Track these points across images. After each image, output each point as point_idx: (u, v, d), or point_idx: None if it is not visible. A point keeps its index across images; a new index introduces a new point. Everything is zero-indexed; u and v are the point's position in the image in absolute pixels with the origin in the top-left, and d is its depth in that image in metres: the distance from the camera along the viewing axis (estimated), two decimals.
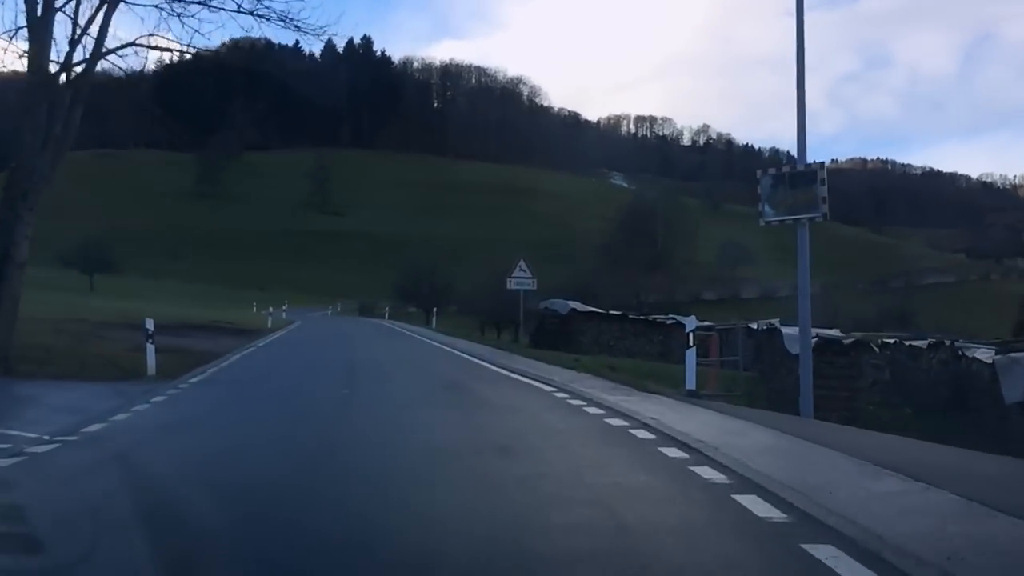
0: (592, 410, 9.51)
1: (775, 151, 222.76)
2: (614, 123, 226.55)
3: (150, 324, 14.88)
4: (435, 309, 48.54)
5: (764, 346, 17.79)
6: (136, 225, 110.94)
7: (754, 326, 19.58)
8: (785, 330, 15.63)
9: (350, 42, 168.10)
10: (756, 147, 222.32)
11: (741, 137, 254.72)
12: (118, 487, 5.41)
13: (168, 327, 29.91)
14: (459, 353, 20.24)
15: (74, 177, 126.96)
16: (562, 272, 53.94)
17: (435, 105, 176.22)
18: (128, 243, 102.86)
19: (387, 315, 60.47)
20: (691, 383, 11.65)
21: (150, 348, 14.61)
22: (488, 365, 16.44)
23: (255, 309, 61.62)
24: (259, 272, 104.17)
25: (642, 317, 29.46)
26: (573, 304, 27.52)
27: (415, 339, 29.05)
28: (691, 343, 11.74)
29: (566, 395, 11.01)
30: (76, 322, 27.06)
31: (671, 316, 32.06)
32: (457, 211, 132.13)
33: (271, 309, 39.04)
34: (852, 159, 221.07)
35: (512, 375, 14.22)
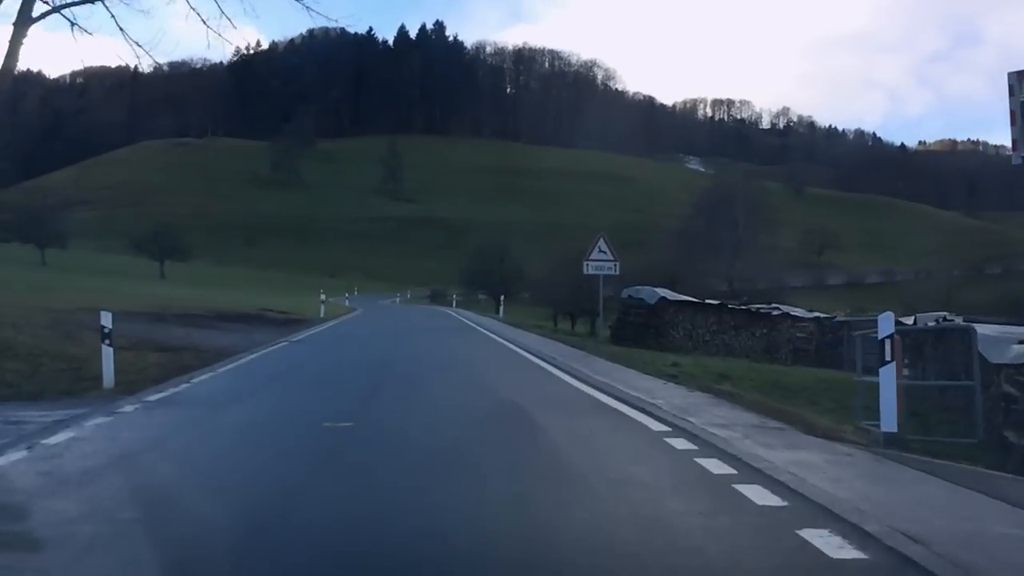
0: (752, 491, 5.02)
1: (860, 132, 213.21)
2: (690, 107, 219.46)
3: (107, 320, 11.00)
4: (503, 297, 44.26)
5: (933, 351, 12.97)
6: (211, 212, 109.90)
7: (909, 321, 14.82)
8: (982, 329, 10.80)
9: (423, 28, 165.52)
10: (840, 129, 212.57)
11: (823, 119, 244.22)
12: None
13: (200, 317, 26.51)
14: (526, 354, 15.95)
15: (151, 165, 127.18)
16: (641, 258, 49.15)
17: (508, 90, 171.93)
18: (203, 230, 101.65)
19: (454, 303, 56.59)
20: (890, 422, 7.08)
21: (107, 352, 10.77)
22: (562, 375, 12.07)
23: (322, 296, 58.78)
24: (331, 259, 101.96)
25: (743, 307, 24.66)
26: (662, 292, 22.91)
27: (477, 332, 24.86)
28: (889, 356, 7.13)
29: (688, 443, 6.58)
30: (92, 312, 23.79)
31: (774, 305, 27.20)
32: (530, 197, 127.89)
33: (323, 297, 35.32)
34: (941, 140, 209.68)
35: (596, 394, 9.85)
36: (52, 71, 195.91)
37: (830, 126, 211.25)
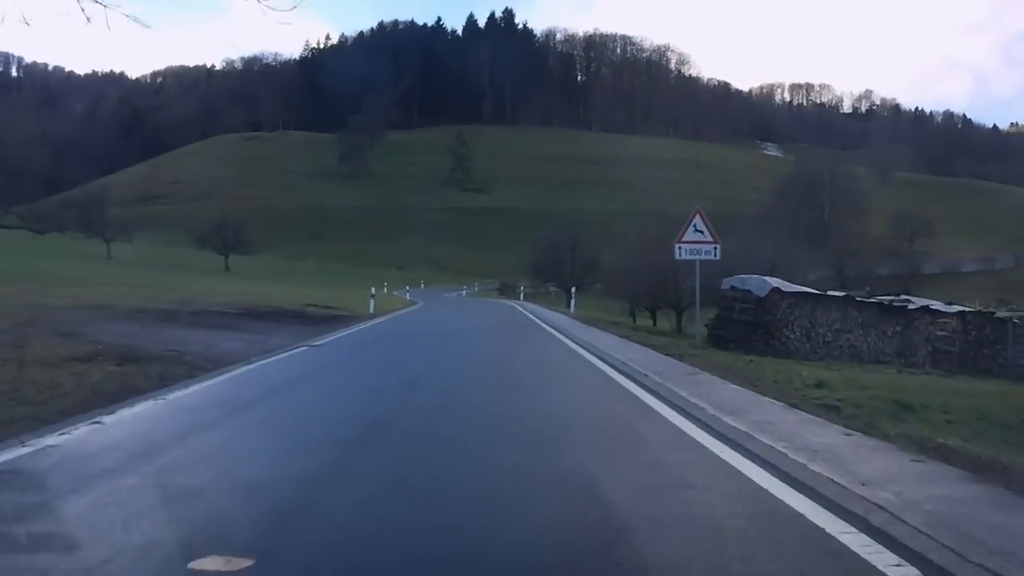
0: None
1: (949, 114, 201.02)
2: (767, 92, 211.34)
3: None
4: (574, 289, 39.67)
5: None
6: (279, 206, 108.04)
7: None
8: None
9: (491, 16, 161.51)
10: (927, 111, 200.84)
11: (907, 102, 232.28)
12: None
13: (223, 314, 22.86)
14: (603, 366, 11.56)
15: (221, 160, 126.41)
16: (727, 246, 44.02)
17: (579, 78, 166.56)
18: (271, 223, 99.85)
19: (522, 295, 52.34)
20: None
21: None
22: (666, 411, 7.60)
23: (372, 290, 55.53)
24: (400, 251, 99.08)
25: (872, 300, 19.71)
26: (774, 282, 18.14)
27: (543, 331, 20.44)
28: None
29: None
30: (101, 309, 20.30)
31: (904, 297, 22.16)
32: (602, 186, 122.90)
33: (373, 291, 31.46)
34: None
35: (735, 459, 5.43)
36: (134, 71, 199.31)
37: (917, 108, 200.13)
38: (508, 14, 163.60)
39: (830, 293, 18.80)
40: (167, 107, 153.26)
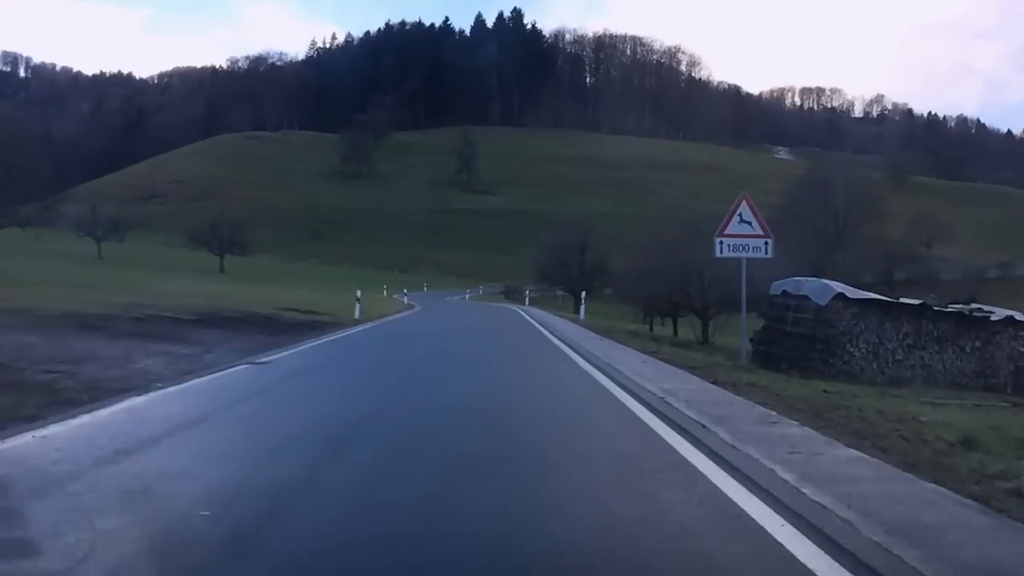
0: None
1: (963, 119, 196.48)
2: (777, 96, 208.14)
3: None
4: (584, 293, 35.97)
5: None
6: (281, 205, 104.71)
7: None
8: None
9: (500, 16, 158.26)
10: (941, 116, 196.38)
11: (919, 107, 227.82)
12: None
13: (169, 320, 19.46)
14: (639, 408, 7.99)
15: (223, 159, 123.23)
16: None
17: (588, 80, 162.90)
18: (271, 224, 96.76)
19: (527, 299, 48.88)
20: None
21: None
22: (768, 522, 4.05)
23: (385, 292, 52.17)
24: (403, 253, 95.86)
25: (949, 310, 16.15)
26: (837, 287, 14.55)
27: (551, 346, 16.92)
28: None
29: None
30: (19, 313, 16.92)
31: (975, 306, 18.60)
32: (611, 188, 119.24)
33: (359, 294, 27.99)
34: None
35: None
36: (141, 72, 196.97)
37: (930, 113, 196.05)
38: (517, 14, 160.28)
39: (903, 301, 15.24)
40: (171, 107, 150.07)
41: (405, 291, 49.33)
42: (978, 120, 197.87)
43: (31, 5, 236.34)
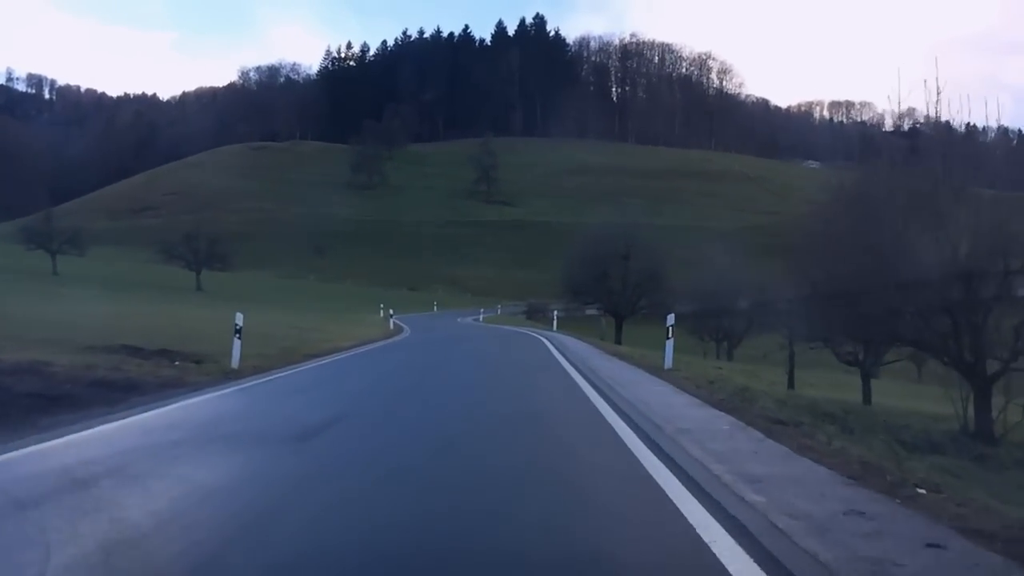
0: None
1: (1003, 129, 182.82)
2: (805, 110, 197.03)
3: None
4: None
5: None
6: (284, 217, 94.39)
7: None
8: None
9: (522, 23, 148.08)
10: (980, 126, 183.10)
11: (956, 121, 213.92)
12: None
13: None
14: None
15: (226, 170, 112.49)
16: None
17: (614, 89, 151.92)
18: (273, 237, 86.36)
19: (555, 323, 37.50)
20: None
21: None
22: None
23: (381, 313, 41.35)
24: (415, 268, 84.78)
25: None
26: None
27: (616, 439, 5.63)
28: None
29: None
30: None
31: None
32: (641, 199, 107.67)
33: (240, 322, 16.79)
34: None
35: None
36: (164, 93, 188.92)
37: (970, 123, 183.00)
38: (539, 21, 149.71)
39: None
40: (182, 121, 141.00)
41: (392, 312, 38.25)
42: (1019, 131, 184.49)
43: (57, 29, 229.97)
